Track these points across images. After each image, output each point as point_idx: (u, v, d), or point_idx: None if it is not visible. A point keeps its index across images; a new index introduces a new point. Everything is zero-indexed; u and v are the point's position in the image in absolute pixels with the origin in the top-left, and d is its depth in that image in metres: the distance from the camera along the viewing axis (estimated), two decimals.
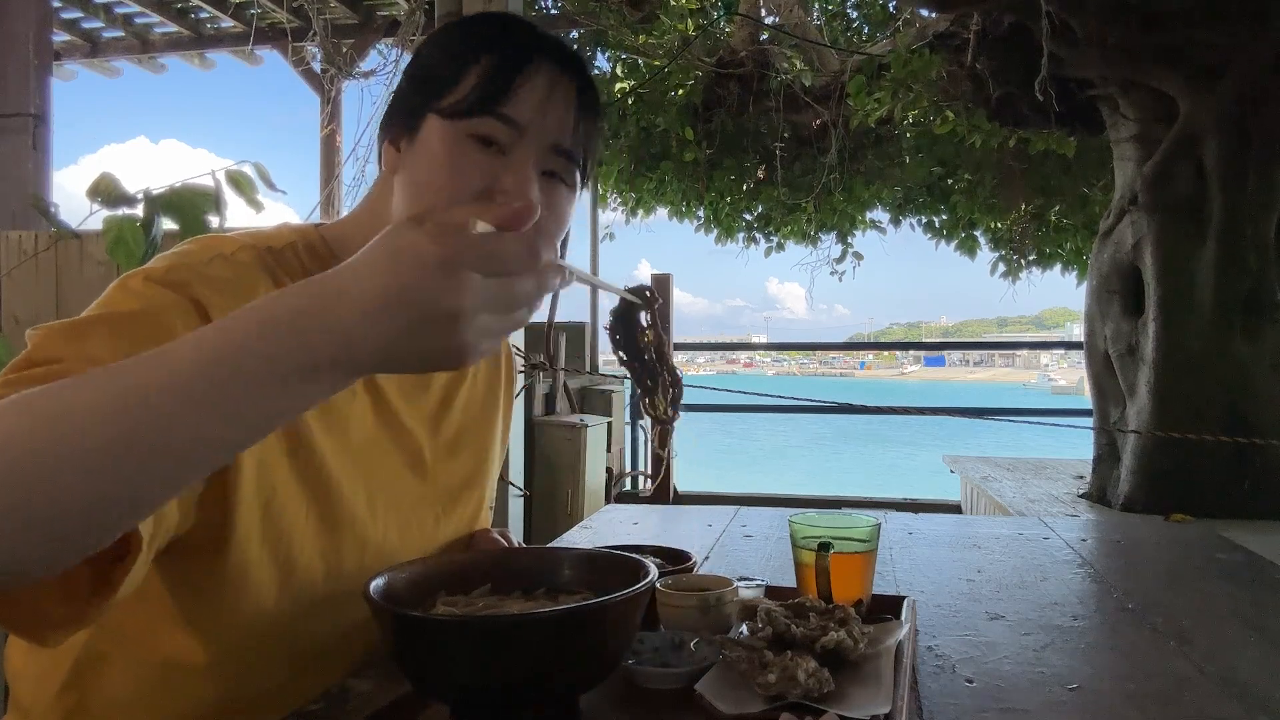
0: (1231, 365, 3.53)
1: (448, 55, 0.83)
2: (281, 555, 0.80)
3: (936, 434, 22.49)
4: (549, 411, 5.06)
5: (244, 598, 0.77)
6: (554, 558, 0.83)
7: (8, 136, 3.80)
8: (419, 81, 0.83)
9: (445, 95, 0.80)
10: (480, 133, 0.79)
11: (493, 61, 0.80)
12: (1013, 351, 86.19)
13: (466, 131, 0.79)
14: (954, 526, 1.66)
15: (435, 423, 0.97)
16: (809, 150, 6.70)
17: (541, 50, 0.82)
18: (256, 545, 0.78)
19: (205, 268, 0.76)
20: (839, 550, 0.93)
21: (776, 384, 56.54)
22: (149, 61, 6.99)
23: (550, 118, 0.81)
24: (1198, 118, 3.57)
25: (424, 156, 0.80)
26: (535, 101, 0.80)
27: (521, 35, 0.83)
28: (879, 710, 0.70)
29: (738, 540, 1.52)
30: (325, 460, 0.82)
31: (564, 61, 0.83)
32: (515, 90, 0.79)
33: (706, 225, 7.35)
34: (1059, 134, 4.47)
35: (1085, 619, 1.08)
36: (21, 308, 3.53)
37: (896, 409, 6.21)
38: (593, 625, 0.66)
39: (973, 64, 4.24)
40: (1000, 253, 7.09)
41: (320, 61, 6.50)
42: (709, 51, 6.54)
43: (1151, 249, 3.69)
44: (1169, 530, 1.77)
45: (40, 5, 3.97)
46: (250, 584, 0.77)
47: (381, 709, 0.72)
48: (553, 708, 0.70)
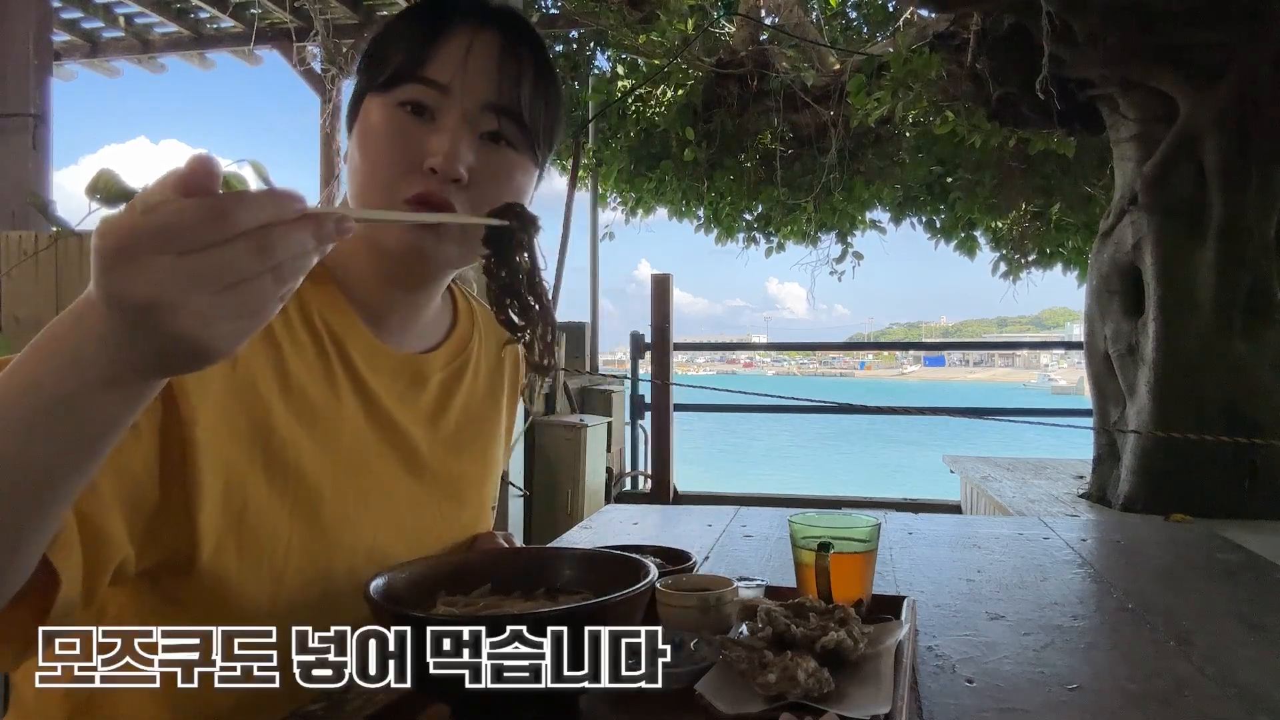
0: (1231, 365, 3.53)
1: (383, 38, 0.86)
2: (266, 567, 0.78)
3: (936, 434, 22.49)
4: (549, 411, 5.06)
5: (230, 610, 0.76)
6: (554, 558, 0.83)
7: (8, 136, 3.80)
8: (362, 70, 0.87)
9: (378, 75, 0.83)
10: (408, 99, 0.81)
11: (411, 30, 0.83)
12: (1013, 351, 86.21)
13: (397, 101, 0.81)
14: (954, 526, 1.66)
15: (433, 420, 0.96)
16: (809, 150, 6.71)
17: (461, 11, 0.84)
18: (234, 561, 0.76)
19: None
20: (839, 550, 0.93)
21: (776, 384, 56.54)
22: (149, 61, 6.99)
23: (473, 74, 0.82)
24: (1198, 118, 3.57)
25: (363, 135, 0.83)
26: (455, 60, 0.81)
27: (444, 3, 0.85)
28: (879, 710, 0.70)
29: (738, 540, 1.52)
30: (305, 467, 0.81)
31: (486, 19, 0.84)
32: (433, 52, 0.81)
33: (706, 225, 7.36)
34: (1059, 134, 4.47)
35: (1085, 619, 1.08)
36: (21, 308, 3.53)
37: (896, 409, 6.22)
38: (592, 625, 0.66)
39: (973, 64, 4.24)
40: (1000, 252, 7.10)
41: (321, 61, 6.50)
42: (709, 51, 6.54)
43: (1151, 249, 3.69)
44: (1169, 530, 1.77)
45: (40, 5, 3.97)
46: (234, 598, 0.76)
47: (381, 709, 0.72)
48: (553, 708, 0.70)
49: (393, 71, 0.82)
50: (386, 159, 0.81)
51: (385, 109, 0.82)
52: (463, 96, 0.81)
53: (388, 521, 0.89)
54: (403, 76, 0.82)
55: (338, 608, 0.82)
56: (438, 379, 0.97)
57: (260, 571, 0.79)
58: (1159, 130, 3.75)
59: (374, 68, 0.85)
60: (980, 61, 4.20)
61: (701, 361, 60.78)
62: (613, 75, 6.86)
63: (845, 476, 17.18)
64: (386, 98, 0.82)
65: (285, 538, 0.80)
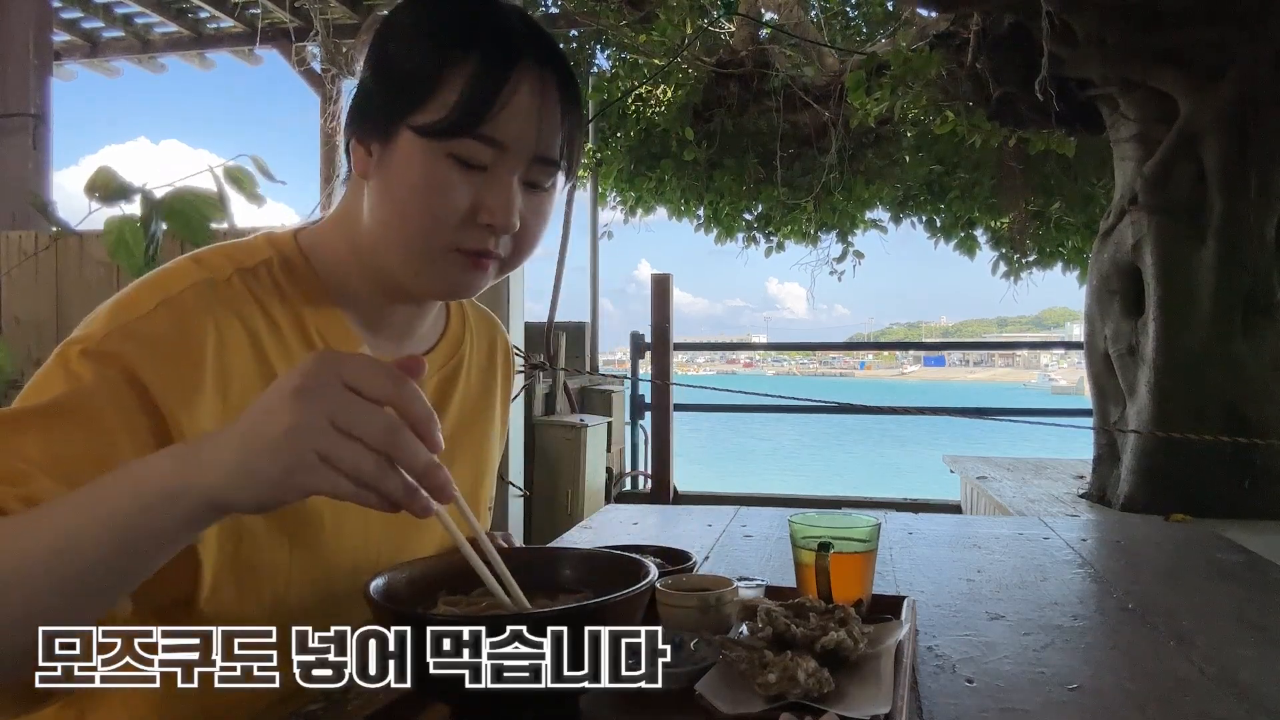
0: (1231, 365, 3.53)
1: (420, 57, 0.77)
2: (268, 597, 0.78)
3: (936, 434, 22.48)
4: (549, 411, 5.06)
5: None
6: (554, 558, 0.83)
7: (8, 136, 3.80)
8: (390, 84, 0.79)
9: (420, 108, 0.76)
10: (463, 155, 0.76)
11: (472, 73, 0.75)
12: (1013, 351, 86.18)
13: (445, 151, 0.76)
14: (954, 526, 1.66)
15: None
16: (809, 150, 6.71)
17: (523, 52, 0.77)
18: (233, 595, 0.76)
19: (144, 323, 0.73)
20: (839, 550, 0.93)
21: (776, 384, 56.55)
22: (149, 61, 6.99)
23: (535, 132, 0.78)
24: (1198, 118, 3.57)
25: (401, 175, 0.77)
26: (520, 119, 0.77)
27: (499, 32, 0.78)
28: (879, 710, 0.70)
29: (738, 540, 1.52)
30: None
31: (546, 61, 0.79)
32: (498, 109, 0.76)
33: (706, 225, 7.36)
34: (1059, 134, 4.47)
35: (1085, 619, 1.08)
36: (21, 308, 3.53)
37: (896, 409, 6.22)
38: (592, 625, 0.66)
39: (973, 64, 4.24)
40: (1000, 252, 7.10)
41: (321, 61, 6.50)
42: (709, 51, 6.54)
43: (1151, 249, 3.69)
44: (1169, 530, 1.77)
45: (40, 5, 3.98)
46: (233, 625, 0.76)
47: (381, 709, 0.72)
48: (553, 708, 0.70)
49: (449, 124, 0.75)
50: (433, 209, 0.77)
51: (430, 156, 0.76)
52: (518, 152, 0.78)
53: (389, 539, 0.88)
54: (461, 130, 0.75)
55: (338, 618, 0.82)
56: (433, 382, 0.96)
57: (261, 602, 0.78)
58: (1159, 130, 3.75)
59: (407, 93, 0.76)
60: (980, 61, 4.20)
61: (701, 361, 60.78)
62: (613, 75, 6.85)
63: (845, 476, 17.19)
64: (434, 144, 0.76)
65: (285, 568, 0.80)
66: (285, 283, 0.83)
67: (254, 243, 0.85)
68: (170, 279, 0.78)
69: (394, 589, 0.72)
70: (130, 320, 0.73)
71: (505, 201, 0.78)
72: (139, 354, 0.71)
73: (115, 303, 0.76)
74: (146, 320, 0.73)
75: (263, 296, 0.81)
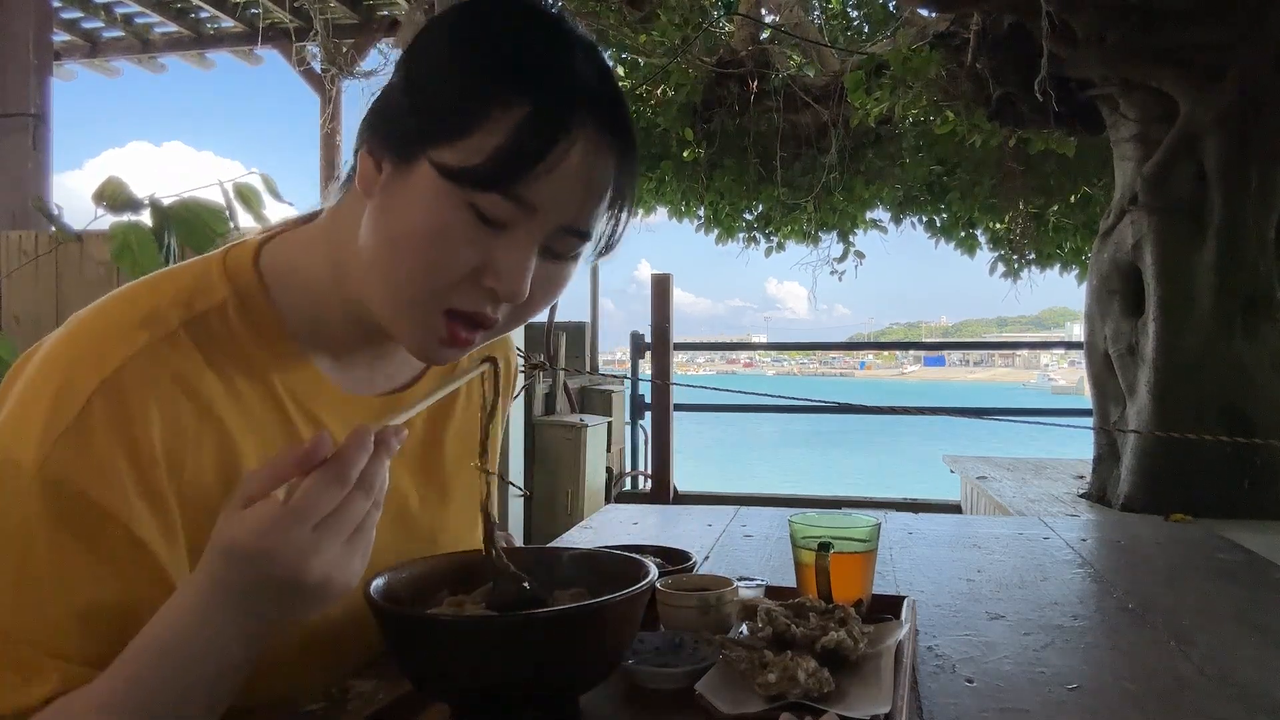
0: (1231, 365, 3.53)
1: (465, 85, 0.67)
2: None
3: (936, 434, 22.48)
4: (549, 411, 5.06)
5: None
6: (554, 557, 0.83)
7: (8, 136, 3.80)
8: (422, 104, 0.68)
9: (450, 144, 0.66)
10: (486, 210, 0.66)
11: (520, 122, 0.65)
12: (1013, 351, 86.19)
13: (465, 199, 0.66)
14: (954, 526, 1.66)
15: (422, 465, 0.89)
16: (809, 150, 6.70)
17: (585, 109, 0.67)
18: None
19: (81, 432, 0.64)
20: (839, 550, 0.93)
21: (776, 384, 56.55)
22: (149, 61, 7.00)
23: (575, 202, 0.69)
24: (1198, 118, 3.57)
25: (407, 211, 0.68)
26: (561, 184, 0.67)
27: (562, 78, 0.67)
28: (879, 710, 0.70)
29: (738, 540, 1.52)
30: None
31: (607, 122, 0.69)
32: (541, 171, 0.66)
33: (707, 225, 7.36)
34: (1059, 134, 4.47)
35: (1085, 619, 1.08)
36: (21, 308, 3.53)
37: (896, 409, 6.22)
38: (592, 625, 0.66)
39: (973, 64, 4.24)
40: (1000, 252, 7.10)
41: (321, 61, 6.50)
42: (709, 51, 6.54)
43: (1151, 249, 3.69)
44: (1169, 530, 1.77)
45: (40, 5, 3.98)
46: None
47: (381, 709, 0.72)
48: (553, 708, 0.70)
49: (479, 175, 0.65)
50: (433, 260, 0.68)
51: (446, 200, 0.66)
52: (546, 219, 0.68)
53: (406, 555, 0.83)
54: (491, 185, 0.65)
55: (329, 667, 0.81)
56: (421, 418, 0.88)
57: None
58: (1159, 130, 3.75)
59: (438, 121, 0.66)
60: (980, 61, 4.20)
61: (702, 361, 60.84)
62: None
63: (845, 476, 17.18)
64: (456, 190, 0.66)
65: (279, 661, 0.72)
66: (242, 329, 0.74)
67: (208, 277, 0.75)
68: (107, 345, 0.68)
69: (394, 589, 0.72)
70: (68, 426, 0.64)
71: (518, 270, 0.68)
72: (84, 474, 0.64)
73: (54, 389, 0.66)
74: (84, 426, 0.65)
75: (215, 354, 0.72)
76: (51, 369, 0.68)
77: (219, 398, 0.72)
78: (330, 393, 0.80)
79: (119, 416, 0.66)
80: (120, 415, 0.66)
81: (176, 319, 0.71)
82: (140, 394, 0.67)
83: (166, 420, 0.68)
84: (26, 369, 0.70)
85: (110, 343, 0.68)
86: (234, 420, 0.73)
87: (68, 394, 0.65)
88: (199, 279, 0.75)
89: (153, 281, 0.76)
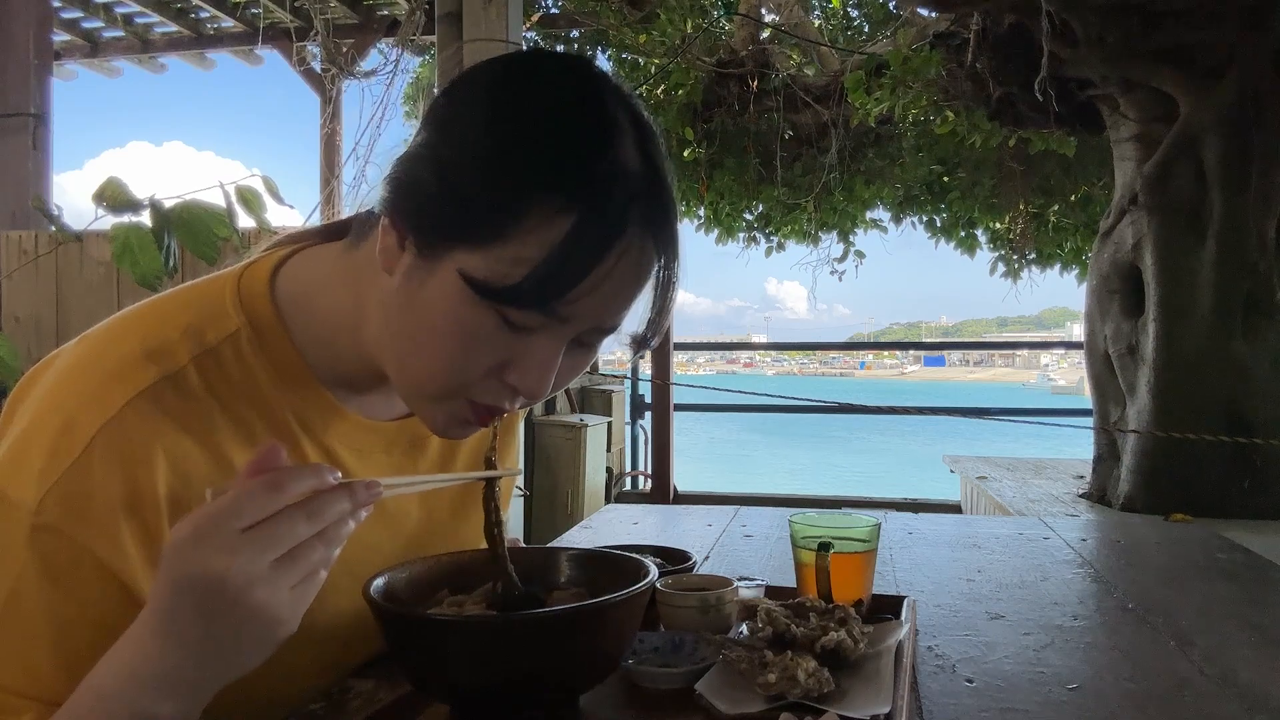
0: (1231, 365, 3.54)
1: (500, 182, 0.61)
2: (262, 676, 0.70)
3: (936, 434, 22.49)
4: (549, 411, 5.06)
5: None
6: (554, 558, 0.83)
7: (8, 136, 3.81)
8: (449, 190, 0.62)
9: (480, 248, 0.61)
10: (515, 319, 0.63)
11: (561, 239, 0.60)
12: (1013, 351, 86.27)
13: (494, 308, 0.62)
14: (954, 526, 1.66)
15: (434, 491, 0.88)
16: (809, 150, 6.71)
17: (633, 216, 0.62)
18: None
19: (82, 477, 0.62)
20: (839, 550, 0.93)
21: (776, 384, 56.55)
22: (149, 61, 7.00)
23: (611, 310, 0.66)
24: (1198, 118, 3.58)
25: (432, 313, 0.64)
26: (599, 299, 0.63)
27: (611, 184, 0.61)
28: (879, 710, 0.70)
29: (738, 540, 1.52)
30: None
31: (651, 224, 0.63)
32: (581, 293, 0.61)
33: (707, 225, 7.36)
34: (1059, 134, 4.47)
35: (1085, 619, 1.08)
36: (22, 308, 3.53)
37: (896, 409, 6.22)
38: (592, 625, 0.66)
39: (973, 64, 4.24)
40: (1000, 252, 7.11)
41: (321, 61, 6.50)
42: (709, 51, 6.54)
43: (1151, 249, 3.69)
44: (1169, 530, 1.77)
45: (40, 5, 3.98)
46: None
47: (381, 709, 0.72)
48: (553, 708, 0.70)
49: (511, 294, 0.61)
50: (455, 360, 0.65)
51: (473, 310, 0.63)
52: (578, 324, 0.65)
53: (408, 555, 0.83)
54: (523, 302, 0.61)
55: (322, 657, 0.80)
56: (435, 444, 0.88)
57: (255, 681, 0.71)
58: (1159, 130, 3.76)
59: (472, 217, 0.61)
60: (980, 61, 4.20)
61: (702, 361, 60.79)
62: (613, 75, 6.87)
63: (845, 476, 17.18)
64: (485, 298, 0.62)
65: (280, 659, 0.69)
66: (256, 361, 0.72)
67: (221, 304, 0.73)
68: (113, 383, 0.66)
69: (394, 589, 0.72)
70: (66, 470, 0.62)
71: (544, 372, 0.66)
72: (81, 527, 0.62)
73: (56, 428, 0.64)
74: (83, 470, 0.62)
75: (225, 391, 0.70)
76: (56, 404, 0.66)
77: (228, 438, 0.70)
78: (345, 419, 0.78)
79: (121, 460, 0.64)
80: (122, 459, 0.64)
81: (186, 354, 0.69)
82: (144, 437, 0.65)
83: (171, 462, 0.66)
84: (34, 392, 0.68)
85: (116, 381, 0.66)
86: (244, 459, 0.68)
87: (69, 435, 0.63)
88: (212, 305, 0.73)
89: (164, 308, 0.73)
